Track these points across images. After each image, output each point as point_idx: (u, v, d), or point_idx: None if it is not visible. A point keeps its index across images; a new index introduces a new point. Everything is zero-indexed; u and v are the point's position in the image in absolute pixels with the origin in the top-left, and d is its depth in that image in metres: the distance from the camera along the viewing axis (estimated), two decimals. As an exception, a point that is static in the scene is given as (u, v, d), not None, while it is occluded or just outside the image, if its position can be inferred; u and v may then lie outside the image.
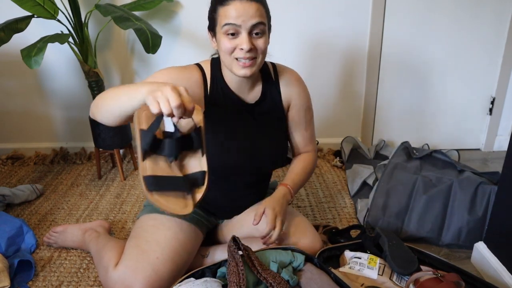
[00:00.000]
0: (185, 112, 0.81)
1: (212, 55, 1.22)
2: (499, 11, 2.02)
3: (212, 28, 1.10)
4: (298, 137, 1.30)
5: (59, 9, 1.77)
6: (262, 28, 1.04)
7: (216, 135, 1.16)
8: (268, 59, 1.28)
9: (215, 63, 1.18)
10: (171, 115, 0.80)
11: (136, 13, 1.94)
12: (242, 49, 1.03)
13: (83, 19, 1.81)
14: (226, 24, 1.02)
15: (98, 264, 1.23)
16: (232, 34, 1.03)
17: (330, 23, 2.04)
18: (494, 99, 2.19)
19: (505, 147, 2.23)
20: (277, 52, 2.09)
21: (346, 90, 2.20)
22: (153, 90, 0.81)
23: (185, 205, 0.83)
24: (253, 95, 1.20)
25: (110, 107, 0.93)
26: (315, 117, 2.23)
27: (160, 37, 1.65)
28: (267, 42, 1.08)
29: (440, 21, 2.04)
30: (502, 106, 2.20)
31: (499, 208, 1.25)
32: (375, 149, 2.15)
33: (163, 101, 0.78)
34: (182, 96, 0.80)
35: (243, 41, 1.02)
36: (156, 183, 0.82)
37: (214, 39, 1.11)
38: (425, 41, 2.07)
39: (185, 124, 0.97)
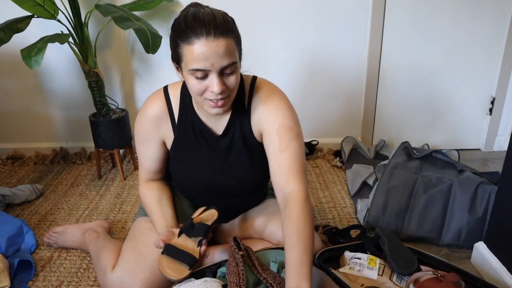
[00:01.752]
0: None
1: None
2: (499, 11, 2.02)
3: (176, 61, 0.98)
4: (274, 164, 1.04)
5: (59, 9, 1.77)
6: (233, 67, 0.93)
7: (188, 165, 1.15)
8: (267, 60, 1.27)
9: (186, 89, 1.07)
10: None
11: (136, 13, 1.94)
12: (212, 91, 0.93)
13: (83, 19, 1.81)
14: (193, 69, 0.91)
15: (97, 266, 1.23)
16: (201, 77, 0.93)
17: (331, 24, 2.04)
18: (494, 99, 2.19)
19: (505, 147, 2.23)
20: (277, 52, 2.10)
21: (346, 90, 2.20)
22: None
23: (180, 273, 0.98)
24: (222, 124, 1.11)
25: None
26: (316, 116, 2.25)
27: (160, 37, 1.65)
28: (238, 76, 0.97)
29: (440, 20, 2.04)
30: (502, 106, 2.20)
31: (499, 208, 1.25)
32: (375, 149, 2.15)
33: None
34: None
35: (213, 84, 0.92)
36: (169, 250, 1.01)
37: (179, 72, 1.00)
38: (425, 40, 2.07)
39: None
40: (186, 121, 1.11)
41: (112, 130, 1.91)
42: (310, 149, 2.23)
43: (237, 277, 0.94)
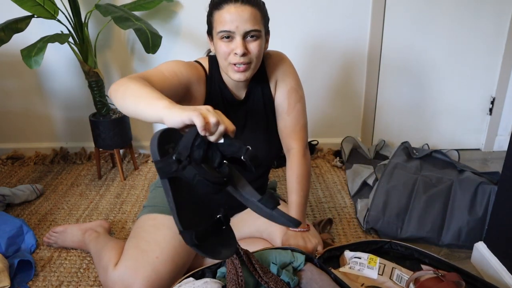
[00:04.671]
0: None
1: (207, 53, 1.24)
2: (499, 11, 2.02)
3: (210, 32, 1.11)
4: (281, 124, 1.22)
5: (59, 9, 1.77)
6: (257, 33, 1.04)
7: None
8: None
9: (213, 60, 1.18)
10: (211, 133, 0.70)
11: (136, 13, 1.94)
12: (236, 53, 1.03)
13: (83, 19, 1.81)
14: (221, 31, 1.03)
15: (98, 264, 1.23)
16: (227, 38, 1.04)
17: (331, 23, 2.04)
18: (494, 99, 2.19)
19: (505, 147, 2.23)
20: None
21: (346, 90, 2.20)
22: (183, 108, 0.71)
23: None
24: (243, 91, 1.21)
25: (127, 107, 0.84)
26: (316, 116, 2.25)
27: (160, 37, 1.65)
28: (262, 45, 1.07)
29: (440, 20, 2.04)
30: (502, 106, 2.20)
31: (499, 208, 1.25)
32: (375, 149, 2.15)
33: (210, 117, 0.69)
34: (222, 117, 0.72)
35: (237, 45, 1.03)
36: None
37: (212, 43, 1.12)
38: (425, 41, 2.07)
39: None
40: (215, 87, 1.18)
41: (112, 130, 1.91)
42: (310, 149, 2.23)
43: (236, 284, 0.93)
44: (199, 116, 0.67)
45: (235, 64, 1.05)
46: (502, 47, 2.09)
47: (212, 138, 0.70)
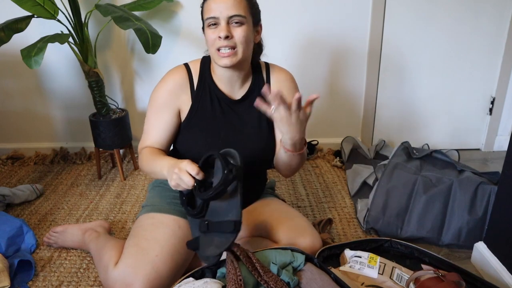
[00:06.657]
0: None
1: (204, 55, 1.26)
2: (499, 11, 2.02)
3: (202, 26, 1.15)
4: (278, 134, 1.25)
5: (59, 9, 1.77)
6: (240, 19, 1.09)
7: (201, 132, 1.20)
8: (267, 59, 1.29)
9: (205, 61, 1.23)
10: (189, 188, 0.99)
11: (136, 13, 1.94)
12: (220, 37, 1.08)
13: (83, 19, 1.81)
14: (207, 18, 1.09)
15: (98, 263, 1.24)
16: (214, 25, 1.09)
17: (330, 23, 2.05)
18: (494, 99, 2.19)
19: (505, 147, 2.23)
20: (278, 52, 2.10)
21: (346, 90, 2.20)
22: (169, 171, 1.02)
23: None
24: (241, 92, 1.23)
25: (151, 174, 1.16)
26: (316, 116, 2.25)
27: (160, 37, 1.65)
28: (248, 32, 1.11)
29: (440, 20, 2.04)
30: (502, 106, 2.20)
31: (499, 208, 1.25)
32: (375, 149, 2.15)
33: (180, 181, 0.99)
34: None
35: (220, 28, 1.08)
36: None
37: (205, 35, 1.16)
38: (425, 40, 2.08)
39: None
40: (204, 88, 1.21)
41: (112, 130, 1.91)
42: (310, 149, 2.23)
43: (236, 284, 0.93)
44: (172, 182, 1.01)
45: (220, 50, 1.10)
46: (502, 47, 2.09)
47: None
